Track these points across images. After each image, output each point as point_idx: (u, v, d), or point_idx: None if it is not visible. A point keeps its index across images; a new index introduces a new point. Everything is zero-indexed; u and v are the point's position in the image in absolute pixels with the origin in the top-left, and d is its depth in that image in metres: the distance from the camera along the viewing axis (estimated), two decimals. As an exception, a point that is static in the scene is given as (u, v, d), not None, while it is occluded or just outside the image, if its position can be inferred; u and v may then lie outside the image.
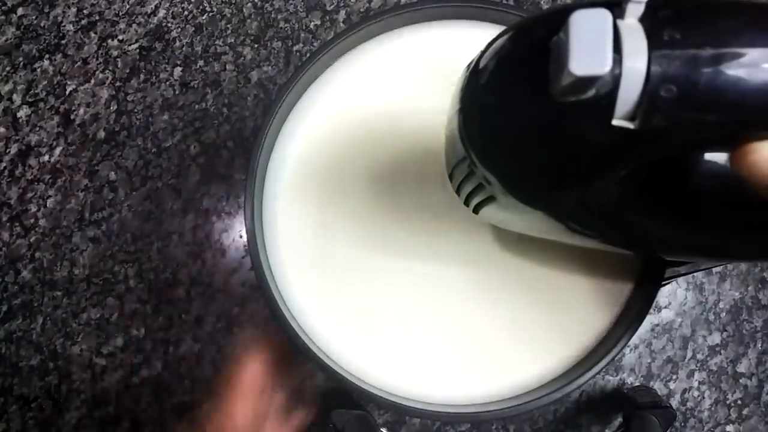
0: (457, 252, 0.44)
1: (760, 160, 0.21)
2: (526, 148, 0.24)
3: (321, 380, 0.52)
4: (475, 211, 0.32)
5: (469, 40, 0.46)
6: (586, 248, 0.35)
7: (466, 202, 0.33)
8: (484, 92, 0.25)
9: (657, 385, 0.52)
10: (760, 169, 0.21)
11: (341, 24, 0.55)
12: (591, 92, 0.20)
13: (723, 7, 0.20)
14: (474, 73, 0.26)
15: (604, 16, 0.19)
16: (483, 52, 0.26)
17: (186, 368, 0.53)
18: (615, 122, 0.20)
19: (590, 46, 0.19)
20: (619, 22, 0.20)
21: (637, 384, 0.52)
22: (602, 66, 0.18)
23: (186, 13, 0.60)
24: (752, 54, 0.19)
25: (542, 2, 0.55)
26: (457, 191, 0.33)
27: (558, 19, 0.20)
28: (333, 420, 0.45)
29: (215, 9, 0.59)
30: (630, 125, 0.20)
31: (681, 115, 0.20)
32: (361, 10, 0.55)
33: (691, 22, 0.20)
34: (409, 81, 0.45)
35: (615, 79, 0.19)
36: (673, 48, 0.19)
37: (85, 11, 0.58)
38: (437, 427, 0.52)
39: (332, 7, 0.55)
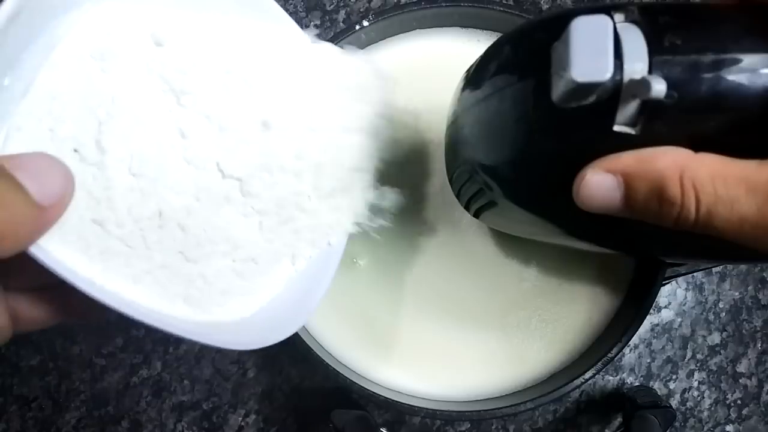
0: (457, 251, 0.44)
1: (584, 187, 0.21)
2: (526, 154, 0.24)
3: (321, 380, 0.52)
4: (476, 215, 0.33)
5: (467, 47, 0.46)
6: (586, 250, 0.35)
7: (467, 207, 0.33)
8: (483, 98, 0.26)
9: (657, 385, 0.52)
10: (583, 198, 0.22)
11: (341, 24, 0.55)
12: (592, 98, 0.20)
13: (723, 13, 0.20)
14: (473, 78, 0.27)
15: (604, 22, 0.19)
16: (482, 58, 0.26)
17: (186, 368, 0.53)
18: (616, 128, 0.20)
19: (591, 53, 0.19)
20: (620, 27, 0.20)
21: (637, 384, 0.52)
22: (603, 72, 0.19)
23: (185, 12, 0.59)
24: (752, 59, 0.19)
25: (542, 2, 0.55)
26: (458, 196, 0.33)
27: (558, 25, 0.20)
28: (333, 420, 0.45)
29: (215, 8, 0.59)
30: (631, 131, 0.20)
31: (682, 121, 0.20)
32: (361, 10, 0.55)
33: (692, 28, 0.20)
34: (410, 85, 0.45)
35: (616, 85, 0.19)
36: (674, 54, 0.19)
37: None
38: (437, 427, 0.52)
39: (332, 7, 0.55)
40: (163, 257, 0.28)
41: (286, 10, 0.32)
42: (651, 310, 0.40)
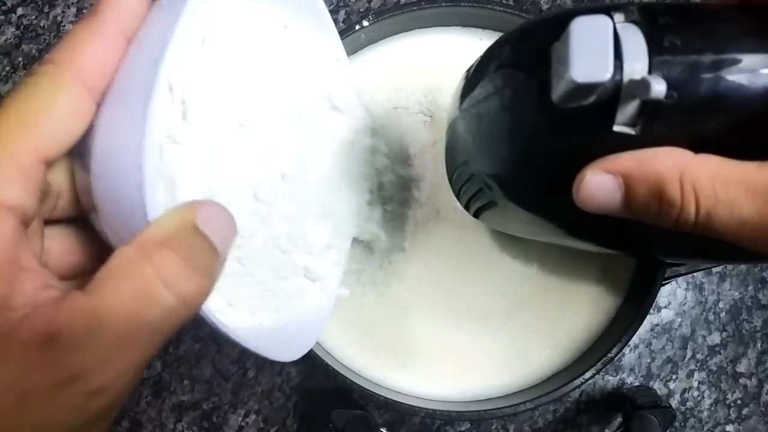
0: (458, 251, 0.44)
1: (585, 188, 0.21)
2: (526, 154, 0.24)
3: (321, 380, 0.52)
4: (476, 215, 0.33)
5: (467, 47, 0.46)
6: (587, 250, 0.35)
7: (467, 207, 0.33)
8: (483, 98, 0.25)
9: (657, 385, 0.52)
10: (583, 199, 0.22)
11: (341, 24, 0.55)
12: (592, 98, 0.20)
13: (723, 13, 0.20)
14: (473, 78, 0.27)
15: (604, 22, 0.19)
16: (482, 58, 0.26)
17: (186, 368, 0.53)
18: (616, 128, 0.20)
19: (591, 53, 0.19)
20: (619, 27, 0.20)
21: (637, 384, 0.52)
22: (603, 73, 0.19)
23: (186, 12, 0.59)
24: (752, 59, 0.19)
25: (542, 2, 0.55)
26: (458, 196, 0.33)
27: (558, 25, 0.20)
28: (333, 420, 0.45)
29: (215, 8, 0.59)
30: (631, 131, 0.20)
31: (682, 121, 0.20)
32: (361, 10, 0.55)
33: (692, 28, 0.20)
34: (410, 86, 0.45)
35: (616, 85, 0.19)
36: (674, 54, 0.19)
37: (84, 11, 0.58)
38: (437, 427, 0.52)
39: (332, 7, 0.55)
40: (262, 274, 0.30)
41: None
42: (651, 310, 0.40)
